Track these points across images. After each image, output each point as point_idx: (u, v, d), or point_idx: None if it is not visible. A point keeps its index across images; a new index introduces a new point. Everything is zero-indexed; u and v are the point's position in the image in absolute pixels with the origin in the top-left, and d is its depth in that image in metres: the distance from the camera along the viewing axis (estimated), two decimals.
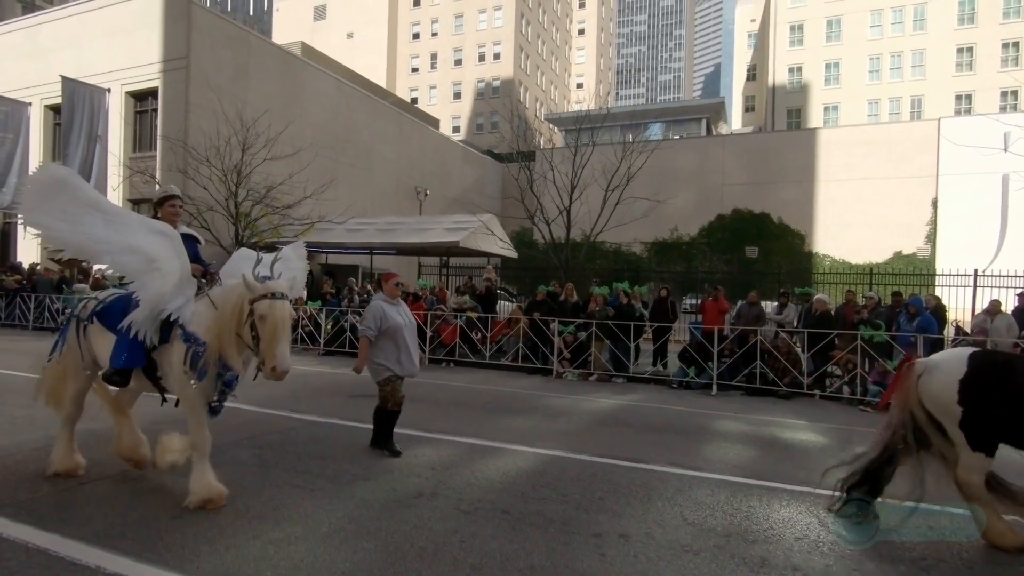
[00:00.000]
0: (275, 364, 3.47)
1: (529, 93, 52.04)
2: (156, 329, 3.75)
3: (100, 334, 4.02)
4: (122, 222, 3.86)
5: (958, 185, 28.76)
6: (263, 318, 3.51)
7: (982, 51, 36.10)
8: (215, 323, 3.69)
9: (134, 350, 3.76)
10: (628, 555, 3.31)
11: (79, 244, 3.77)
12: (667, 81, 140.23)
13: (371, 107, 29.05)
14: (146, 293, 3.67)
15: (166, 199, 4.36)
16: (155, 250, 3.77)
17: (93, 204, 3.86)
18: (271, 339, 3.50)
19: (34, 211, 3.78)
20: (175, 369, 3.74)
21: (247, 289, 3.59)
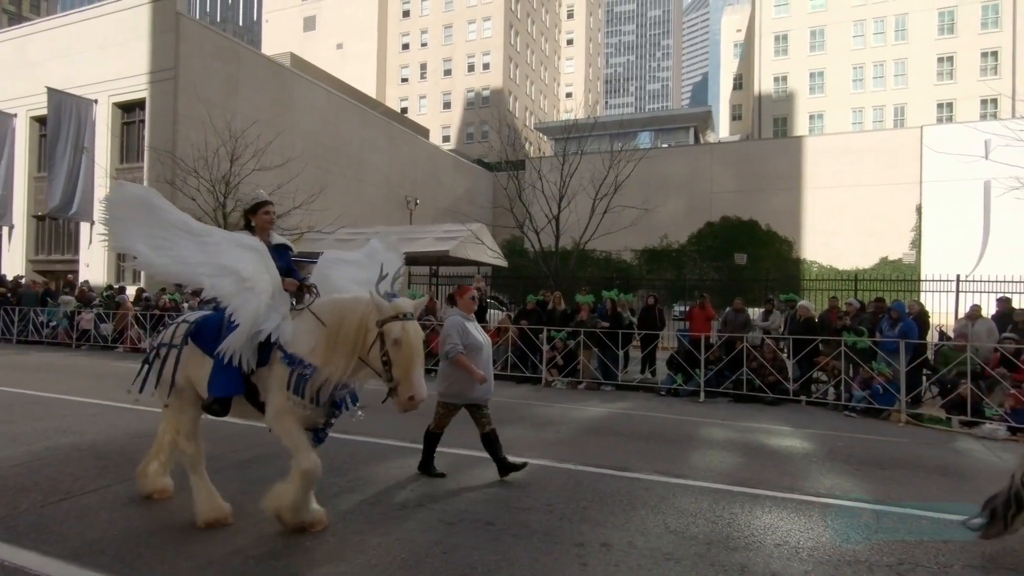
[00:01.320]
0: (413, 393, 3.16)
1: (519, 103, 52.37)
2: (254, 352, 3.45)
3: (195, 357, 3.72)
4: (211, 241, 3.63)
5: (941, 192, 29.21)
6: (397, 342, 3.19)
7: (962, 60, 36.81)
8: (326, 342, 3.37)
9: (232, 376, 3.46)
10: (609, 564, 3.33)
11: (176, 270, 3.54)
12: (655, 90, 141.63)
13: (361, 117, 29.12)
14: (242, 315, 3.39)
15: (259, 205, 3.99)
16: (246, 268, 3.52)
17: (179, 224, 3.65)
18: (408, 365, 3.18)
19: (123, 236, 3.53)
20: (274, 395, 3.44)
21: (376, 309, 3.26)
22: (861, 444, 6.76)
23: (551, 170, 17.67)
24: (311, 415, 3.47)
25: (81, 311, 15.49)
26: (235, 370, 3.43)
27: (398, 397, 3.21)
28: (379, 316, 3.25)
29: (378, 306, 3.26)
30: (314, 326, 3.45)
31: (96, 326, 15.20)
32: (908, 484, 5.23)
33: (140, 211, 3.59)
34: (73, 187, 20.51)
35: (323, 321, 3.43)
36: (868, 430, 7.59)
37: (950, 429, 7.76)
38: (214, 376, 3.50)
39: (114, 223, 3.59)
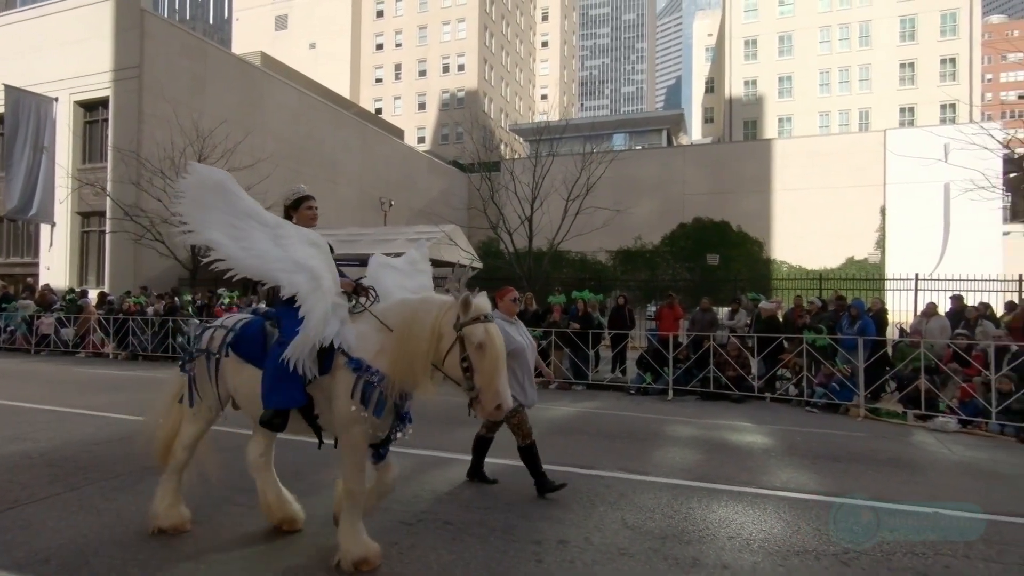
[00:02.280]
0: (501, 401, 2.91)
1: (494, 104, 52.42)
2: (315, 359, 3.16)
3: (238, 368, 3.43)
4: (283, 233, 3.33)
5: (904, 193, 30.13)
6: (481, 347, 2.92)
7: (923, 66, 38.04)
8: (395, 348, 3.10)
9: (292, 385, 3.15)
10: (564, 560, 3.37)
11: (254, 264, 3.20)
12: (630, 93, 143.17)
13: (334, 118, 28.83)
14: (313, 317, 3.11)
15: (301, 200, 3.70)
16: (316, 265, 3.24)
17: (253, 214, 3.33)
18: (493, 372, 2.92)
19: (203, 226, 3.21)
20: (340, 404, 3.14)
21: (454, 310, 3.00)
22: (820, 439, 6.95)
23: (523, 171, 17.75)
24: (376, 426, 3.19)
25: (40, 315, 15.02)
26: (297, 379, 3.13)
27: (482, 406, 2.94)
28: (463, 318, 2.96)
29: (459, 307, 2.98)
30: (377, 329, 3.19)
31: (56, 331, 14.76)
32: (861, 477, 5.39)
33: (217, 197, 3.26)
34: (32, 188, 19.87)
35: (388, 325, 3.16)
36: (828, 425, 7.80)
37: (905, 423, 8.01)
38: (272, 387, 3.17)
39: (192, 211, 3.22)
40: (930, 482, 5.31)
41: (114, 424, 6.72)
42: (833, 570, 3.35)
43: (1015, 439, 7.06)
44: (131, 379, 10.78)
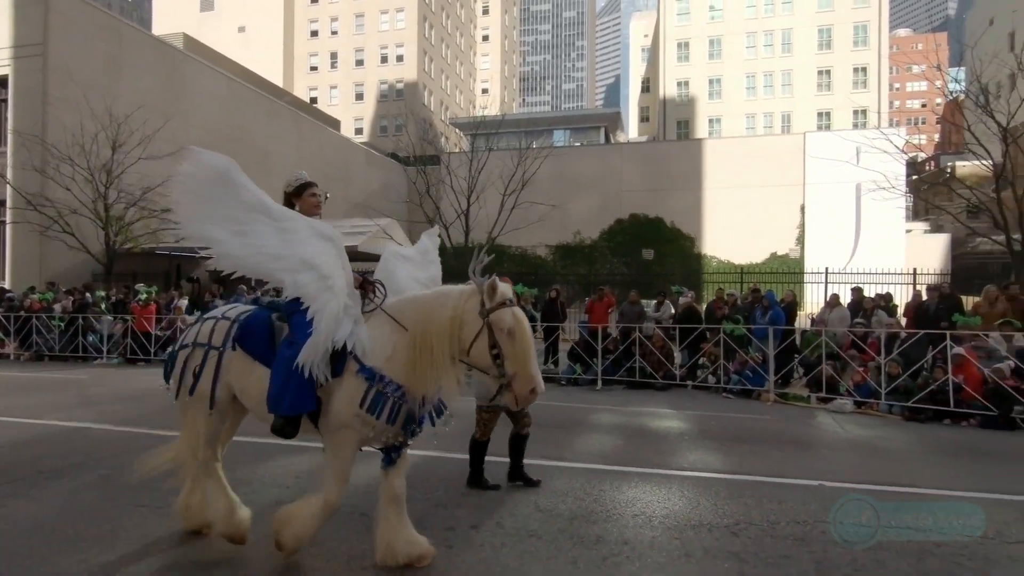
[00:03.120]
0: (535, 385, 2.84)
1: (434, 97, 51.88)
2: (327, 362, 2.94)
3: (247, 367, 3.16)
4: (292, 228, 3.07)
5: (821, 193, 32.14)
6: (511, 332, 2.81)
7: (838, 74, 40.69)
8: (410, 349, 2.94)
9: (302, 390, 2.91)
10: (474, 544, 3.48)
11: (255, 265, 2.98)
12: (571, 90, 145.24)
13: (266, 106, 27.73)
14: (324, 318, 2.90)
15: (304, 187, 3.43)
16: (326, 261, 3.01)
17: (259, 205, 3.07)
18: (526, 356, 2.84)
19: (197, 220, 2.95)
20: (343, 410, 2.95)
21: (479, 297, 2.87)
22: (731, 422, 7.40)
23: (460, 165, 17.76)
24: (388, 435, 3.03)
25: None
26: (310, 384, 2.91)
27: (515, 392, 2.85)
28: (489, 305, 2.85)
29: (484, 293, 2.86)
30: (390, 330, 3.02)
31: None
32: (763, 456, 5.80)
33: (219, 187, 3.00)
34: None
35: (403, 324, 2.99)
36: (741, 409, 8.31)
37: (809, 405, 8.65)
38: (282, 391, 2.93)
39: (188, 201, 2.95)
40: (822, 458, 5.78)
41: (13, 428, 6.31)
42: (724, 540, 3.62)
43: (900, 417, 7.77)
44: (35, 381, 10.08)
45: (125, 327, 12.85)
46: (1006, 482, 5.00)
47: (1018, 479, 5.15)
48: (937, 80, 16.11)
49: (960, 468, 5.57)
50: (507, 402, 2.94)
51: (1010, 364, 7.46)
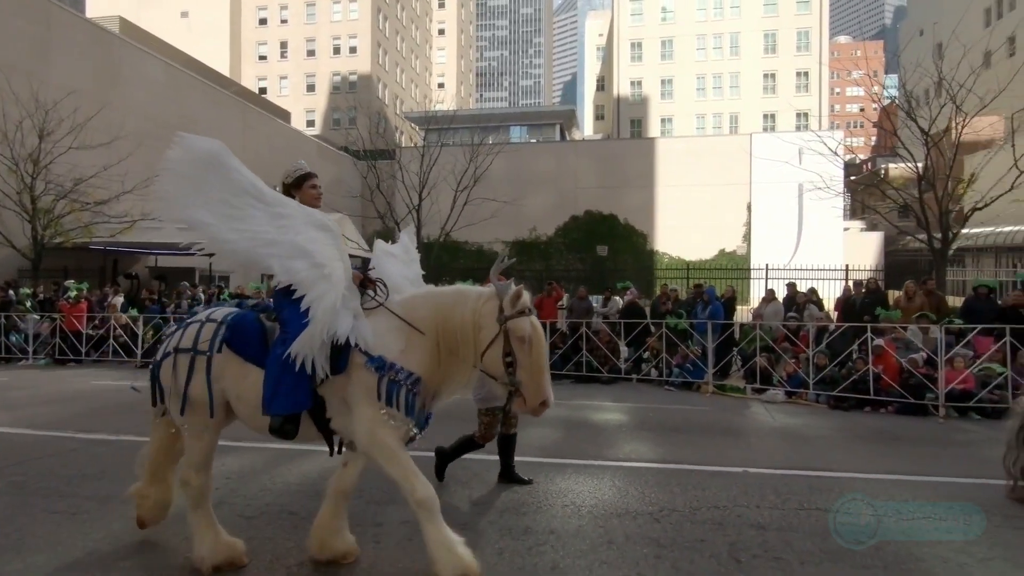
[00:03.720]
0: (546, 398, 2.79)
1: (388, 90, 51.07)
2: (327, 356, 2.84)
3: (241, 371, 2.99)
4: (285, 214, 2.94)
5: (766, 192, 33.40)
6: (528, 342, 2.76)
7: (782, 77, 42.32)
8: (425, 345, 2.88)
9: (299, 387, 2.82)
10: (403, 539, 3.50)
11: (246, 250, 2.84)
12: (529, 87, 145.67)
13: (210, 96, 26.69)
14: (319, 309, 2.77)
15: (304, 178, 3.29)
16: (321, 251, 2.90)
17: (251, 189, 2.93)
18: (539, 366, 2.80)
19: (182, 204, 2.80)
20: (361, 406, 2.84)
21: (498, 302, 2.81)
22: (670, 414, 7.65)
23: (411, 160, 17.60)
24: (404, 430, 2.91)
25: None
26: (304, 380, 2.81)
27: (526, 403, 2.79)
28: (508, 311, 2.79)
29: (506, 299, 2.81)
30: (398, 326, 2.94)
31: None
32: (694, 445, 6.03)
33: (210, 172, 2.86)
34: None
35: (413, 321, 2.92)
36: (680, 401, 8.59)
37: (745, 396, 9.03)
38: (276, 389, 2.82)
39: (175, 187, 2.82)
40: (749, 446, 6.06)
41: None
42: (646, 526, 3.76)
43: (827, 406, 8.21)
44: None
45: (53, 326, 12.20)
46: (909, 464, 5.37)
47: (921, 461, 5.55)
48: (871, 86, 16.97)
49: (872, 452, 5.94)
50: (517, 409, 2.88)
51: (922, 355, 7.98)
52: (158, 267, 20.20)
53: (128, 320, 12.18)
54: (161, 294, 14.95)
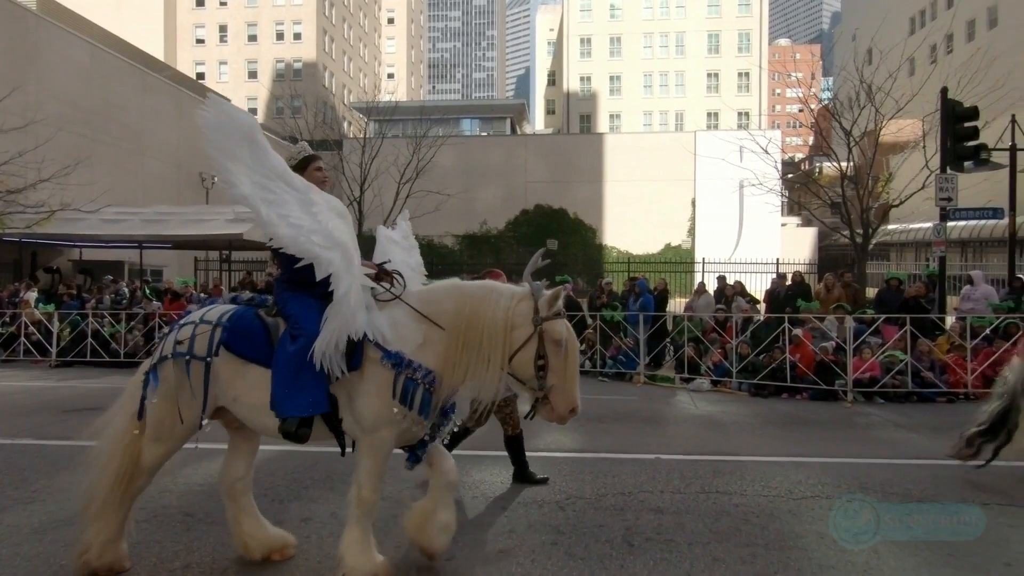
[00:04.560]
0: (576, 404, 2.76)
1: (335, 79, 49.75)
2: (343, 353, 2.67)
3: (239, 371, 2.83)
4: (311, 199, 2.77)
5: (710, 188, 34.44)
6: (563, 345, 2.69)
7: (724, 77, 43.66)
8: (453, 343, 2.74)
9: (315, 387, 2.67)
10: (302, 536, 3.45)
11: (290, 236, 2.64)
12: (482, 79, 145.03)
13: (139, 80, 25.30)
14: (351, 302, 2.65)
15: (309, 160, 3.12)
16: (346, 241, 2.77)
17: (282, 173, 2.75)
18: (572, 371, 2.75)
19: (238, 179, 2.61)
20: (370, 403, 2.71)
21: (547, 304, 2.70)
22: (600, 404, 7.79)
23: (352, 151, 17.25)
24: (416, 430, 2.81)
25: None
26: (321, 379, 2.67)
27: (555, 410, 2.74)
28: (543, 312, 2.71)
29: (542, 300, 2.72)
30: (415, 320, 2.82)
31: None
32: (614, 434, 6.18)
33: (244, 147, 2.67)
34: None
35: (432, 314, 2.80)
36: (612, 391, 8.78)
37: (674, 386, 9.31)
38: (292, 390, 2.67)
39: (219, 158, 2.61)
40: (666, 433, 6.27)
41: None
42: (551, 514, 3.84)
43: (748, 394, 8.57)
44: None
45: None
46: (811, 447, 5.68)
47: (821, 444, 5.87)
48: (805, 88, 17.74)
49: (779, 436, 6.25)
50: (543, 416, 2.81)
51: (832, 343, 8.44)
52: (83, 261, 19.09)
53: (42, 317, 11.46)
54: (81, 289, 14.13)
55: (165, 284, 13.93)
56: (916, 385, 8.00)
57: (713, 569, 3.10)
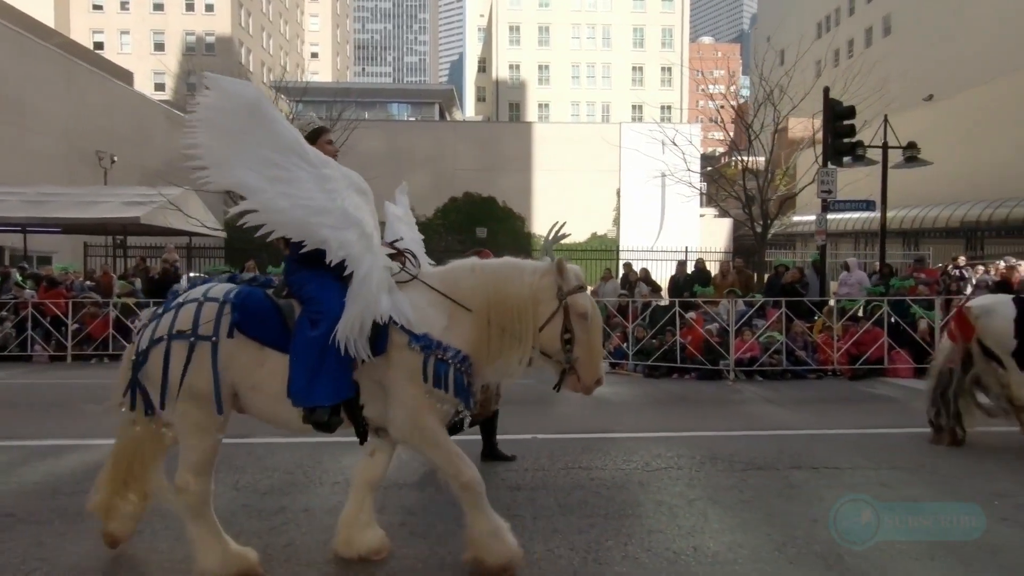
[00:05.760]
0: (600, 375, 2.81)
1: (253, 56, 47.16)
2: (368, 337, 2.52)
3: (257, 358, 2.62)
4: (327, 175, 2.60)
5: (634, 179, 35.51)
6: (588, 318, 2.69)
7: (648, 71, 44.98)
8: (479, 323, 2.65)
9: (343, 373, 2.53)
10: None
11: (299, 220, 2.49)
12: (414, 63, 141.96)
13: (20, 47, 22.97)
14: (373, 283, 2.52)
15: (319, 133, 2.95)
16: (367, 219, 2.63)
17: (296, 147, 2.56)
18: (597, 343, 2.79)
19: (228, 162, 2.45)
20: (404, 389, 2.58)
21: (559, 277, 2.68)
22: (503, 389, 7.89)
23: None
24: (444, 410, 2.69)
25: None
26: (347, 364, 2.52)
27: (581, 381, 2.74)
28: (566, 286, 2.69)
29: (566, 274, 2.71)
30: (438, 301, 2.71)
31: None
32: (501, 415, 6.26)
33: (250, 123, 2.48)
34: None
35: (455, 295, 2.70)
36: None
37: None
38: (316, 376, 2.49)
39: (214, 141, 2.45)
40: (552, 414, 6.43)
41: None
42: (407, 496, 3.86)
43: (642, 375, 8.95)
44: None
45: None
46: (683, 422, 6.02)
47: (695, 420, 6.23)
48: (724, 85, 18.56)
49: (659, 414, 6.58)
50: (568, 388, 2.82)
51: (717, 325, 8.95)
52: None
53: None
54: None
55: (46, 271, 12.79)
56: (790, 364, 8.62)
57: (549, 540, 3.22)
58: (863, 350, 8.68)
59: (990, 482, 4.13)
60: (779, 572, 2.91)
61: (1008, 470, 4.43)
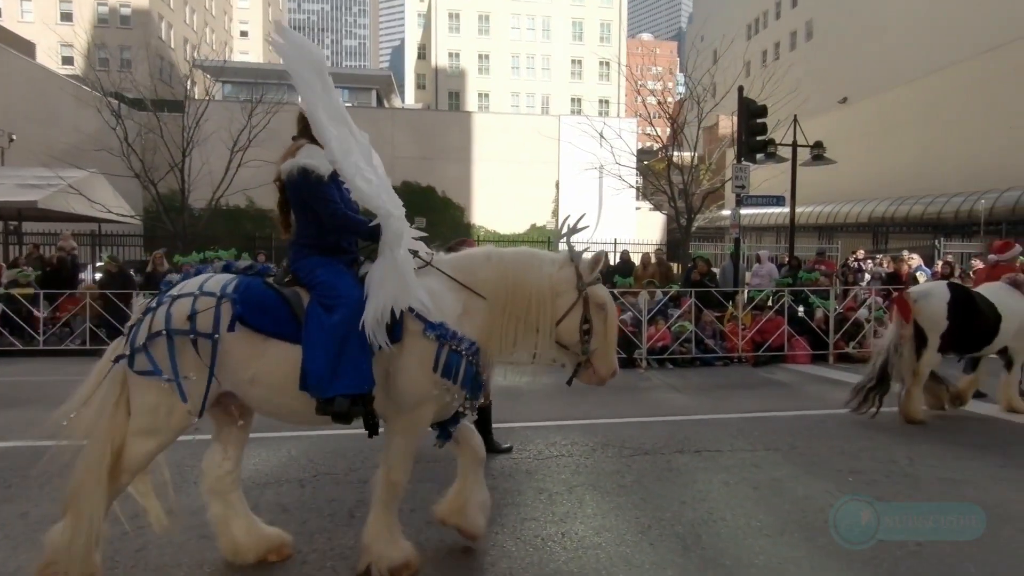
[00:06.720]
0: (616, 366, 2.77)
1: (175, 31, 44.35)
2: (386, 325, 2.47)
3: (259, 348, 2.50)
4: (369, 148, 2.67)
5: (572, 171, 35.94)
6: (606, 310, 2.70)
7: (587, 65, 45.51)
8: (496, 312, 2.63)
9: (362, 361, 2.45)
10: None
11: (363, 188, 2.51)
12: (353, 47, 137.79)
13: None
14: (408, 270, 2.52)
15: None
16: (396, 197, 2.65)
17: (347, 118, 2.57)
18: (613, 335, 2.77)
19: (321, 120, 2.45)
20: (413, 378, 2.54)
21: (588, 269, 2.70)
22: None
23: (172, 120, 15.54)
24: (454, 405, 2.66)
25: None
26: (368, 352, 2.46)
27: (597, 372, 2.72)
28: (584, 277, 2.70)
29: (583, 265, 2.72)
30: (453, 289, 2.67)
31: None
32: None
33: (318, 81, 2.48)
34: None
35: (470, 283, 2.67)
36: None
37: None
38: (338, 365, 2.40)
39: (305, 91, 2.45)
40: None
41: None
42: (288, 493, 3.78)
43: None
44: None
45: None
46: (586, 410, 6.15)
47: (597, 408, 6.38)
48: (661, 82, 19.00)
49: (564, 403, 6.66)
50: (583, 380, 2.80)
51: (630, 315, 9.21)
52: None
53: None
54: None
55: None
56: (700, 352, 8.99)
57: (423, 531, 3.21)
58: (766, 338, 9.17)
59: (850, 461, 4.46)
60: (639, 554, 3.02)
61: (871, 451, 4.79)
